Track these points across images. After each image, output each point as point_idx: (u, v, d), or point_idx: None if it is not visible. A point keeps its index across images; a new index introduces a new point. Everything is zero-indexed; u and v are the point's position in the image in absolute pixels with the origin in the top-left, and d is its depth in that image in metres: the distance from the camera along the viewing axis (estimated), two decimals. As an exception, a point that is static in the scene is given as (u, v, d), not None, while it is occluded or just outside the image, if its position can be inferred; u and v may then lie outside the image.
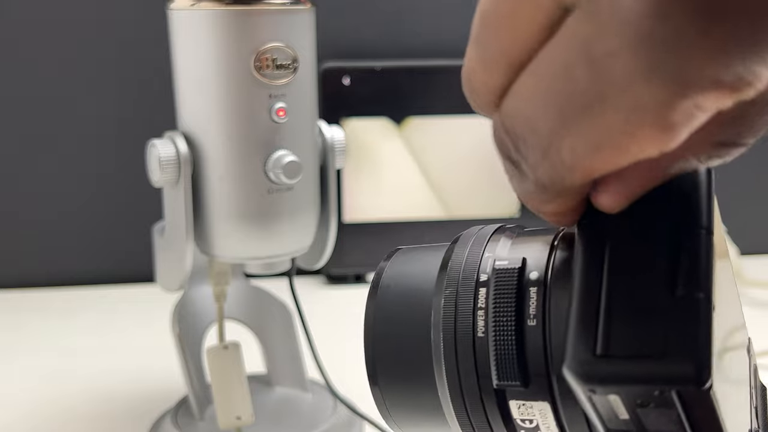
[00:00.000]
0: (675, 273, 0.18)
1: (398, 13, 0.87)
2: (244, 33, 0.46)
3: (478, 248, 0.24)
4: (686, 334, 0.17)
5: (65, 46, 0.82)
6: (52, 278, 0.87)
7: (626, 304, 0.18)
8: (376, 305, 0.26)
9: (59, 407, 0.62)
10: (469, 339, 0.23)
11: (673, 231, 0.19)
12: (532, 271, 0.22)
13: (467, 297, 0.23)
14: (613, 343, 0.18)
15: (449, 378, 0.23)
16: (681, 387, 0.17)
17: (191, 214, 0.49)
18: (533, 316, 0.22)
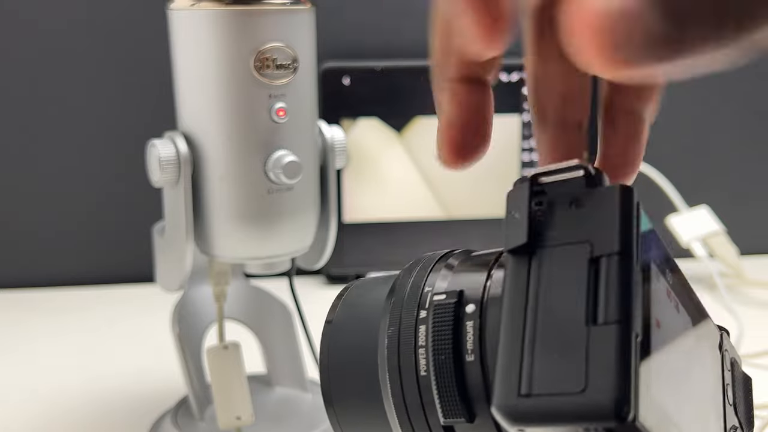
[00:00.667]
0: (595, 304, 0.19)
1: (398, 13, 0.87)
2: (244, 33, 0.46)
3: (420, 280, 0.24)
4: (604, 368, 0.18)
5: (65, 46, 0.82)
6: (52, 278, 0.87)
7: (547, 340, 0.19)
8: (329, 339, 0.26)
9: (59, 407, 0.62)
10: (413, 378, 0.23)
11: (591, 259, 0.19)
12: (469, 303, 0.22)
13: (408, 335, 0.23)
14: (536, 381, 0.18)
15: (399, 415, 0.23)
16: (602, 423, 0.17)
17: (191, 214, 0.49)
18: (471, 351, 0.22)
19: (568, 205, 0.21)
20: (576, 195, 0.21)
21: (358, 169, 0.85)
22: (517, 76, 0.85)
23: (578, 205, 0.20)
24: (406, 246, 0.87)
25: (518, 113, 0.85)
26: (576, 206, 0.20)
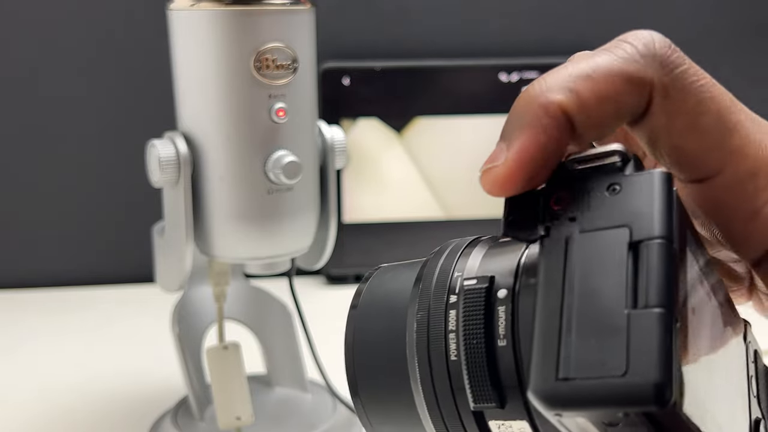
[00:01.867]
0: (634, 288, 0.18)
1: (398, 13, 0.87)
2: (243, 33, 0.46)
3: (449, 266, 0.24)
4: (645, 353, 0.17)
5: (65, 46, 0.82)
6: (52, 278, 0.87)
7: (586, 324, 0.18)
8: (354, 325, 0.26)
9: (59, 407, 0.62)
10: (442, 363, 0.23)
11: (630, 243, 0.19)
12: (500, 289, 0.22)
13: (438, 320, 0.23)
14: (574, 365, 0.18)
15: (427, 400, 0.23)
16: (642, 408, 0.17)
17: (191, 215, 0.49)
18: (503, 336, 0.21)
19: (605, 190, 0.21)
20: (613, 180, 0.21)
21: (358, 169, 0.85)
22: (517, 77, 0.85)
23: (615, 190, 0.20)
24: (406, 246, 0.87)
25: (518, 113, 0.85)
26: (613, 191, 0.20)
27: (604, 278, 0.19)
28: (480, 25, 0.88)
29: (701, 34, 0.91)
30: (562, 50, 0.88)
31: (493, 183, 0.22)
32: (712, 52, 0.92)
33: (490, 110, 0.85)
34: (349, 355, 0.25)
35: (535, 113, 0.22)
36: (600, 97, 0.22)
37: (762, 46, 0.93)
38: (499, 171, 0.22)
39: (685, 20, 0.91)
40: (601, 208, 0.20)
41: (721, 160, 0.23)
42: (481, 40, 0.88)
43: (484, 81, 0.86)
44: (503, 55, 0.88)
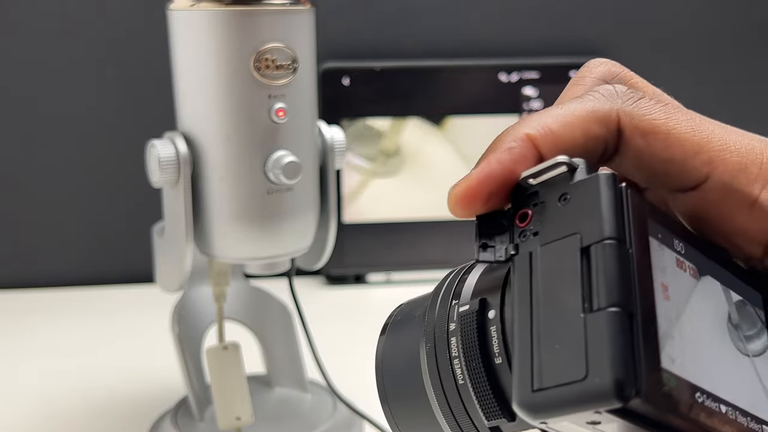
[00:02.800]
0: (589, 292, 0.19)
1: (398, 13, 0.87)
2: (243, 33, 0.46)
3: (448, 295, 0.25)
4: (601, 354, 0.18)
5: (65, 46, 0.82)
6: (51, 278, 0.87)
7: (550, 333, 0.20)
8: (383, 346, 0.28)
9: (59, 407, 0.62)
10: (453, 389, 0.24)
11: (582, 249, 0.20)
12: (491, 310, 0.23)
13: (443, 349, 0.24)
14: (545, 375, 0.19)
15: (448, 422, 0.25)
16: (606, 406, 0.18)
17: (191, 215, 0.49)
18: (498, 354, 0.23)
19: (558, 201, 0.22)
20: (563, 190, 0.22)
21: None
22: (517, 77, 0.85)
23: (566, 200, 0.21)
24: (406, 246, 0.87)
25: (518, 113, 0.85)
26: (564, 201, 0.21)
27: (562, 287, 0.20)
28: (480, 25, 0.88)
29: (701, 34, 0.91)
30: (562, 50, 0.88)
31: (455, 199, 0.24)
32: (712, 52, 0.92)
33: (490, 110, 0.85)
34: (379, 375, 0.27)
35: (503, 141, 0.24)
36: (566, 126, 0.24)
37: (763, 46, 0.92)
38: (461, 186, 0.24)
39: (684, 20, 0.91)
40: (555, 220, 0.21)
41: (708, 163, 0.24)
42: (481, 40, 0.88)
43: (483, 81, 0.86)
44: (503, 55, 0.88)
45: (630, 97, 0.24)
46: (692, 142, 0.24)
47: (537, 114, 0.24)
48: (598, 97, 0.24)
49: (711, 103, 0.92)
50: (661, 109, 0.24)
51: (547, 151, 0.23)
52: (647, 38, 0.90)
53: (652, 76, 0.29)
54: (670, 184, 0.25)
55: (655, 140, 0.24)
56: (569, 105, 0.24)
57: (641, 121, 0.24)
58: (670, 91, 0.28)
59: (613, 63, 0.28)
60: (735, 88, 0.92)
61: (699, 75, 0.91)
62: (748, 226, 0.24)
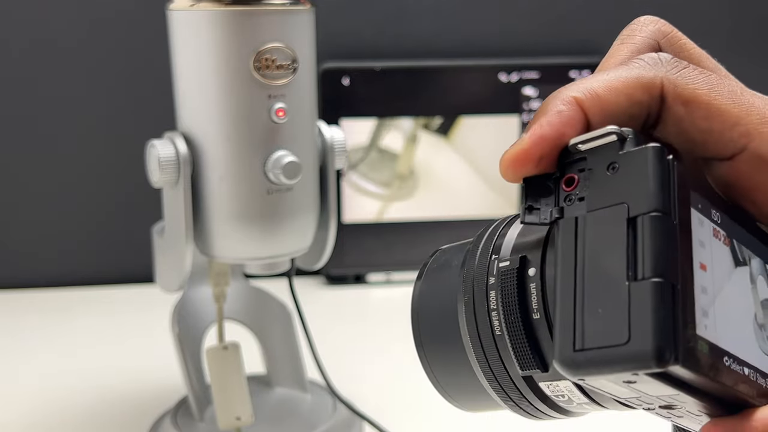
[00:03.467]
0: (634, 261, 0.20)
1: (398, 13, 0.87)
2: (243, 33, 0.46)
3: (488, 249, 0.27)
4: (643, 321, 0.20)
5: (65, 46, 0.82)
6: (52, 278, 0.87)
7: (594, 298, 0.21)
8: (419, 292, 0.29)
9: (59, 407, 0.62)
10: (490, 339, 0.26)
11: (628, 219, 0.21)
12: (530, 267, 0.24)
13: (481, 301, 0.26)
14: (587, 337, 0.21)
15: (483, 370, 0.26)
16: (646, 370, 0.20)
17: (191, 215, 0.49)
18: (536, 310, 0.24)
19: (606, 169, 0.22)
20: (612, 159, 0.22)
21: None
22: (516, 77, 0.85)
23: (614, 169, 0.22)
24: (406, 246, 0.87)
25: (518, 113, 0.85)
26: (612, 170, 0.22)
27: (608, 254, 0.21)
28: (480, 25, 0.88)
29: (701, 34, 0.91)
30: (562, 50, 0.88)
31: (507, 162, 0.24)
32: (713, 51, 0.92)
33: (490, 110, 0.85)
34: (415, 320, 0.29)
35: (552, 104, 0.25)
36: (611, 92, 0.24)
37: (764, 45, 0.93)
38: (514, 149, 0.24)
39: (685, 19, 0.91)
40: (603, 187, 0.22)
41: (745, 136, 0.25)
42: (481, 40, 0.88)
43: (483, 81, 0.86)
44: (503, 55, 0.88)
45: (675, 65, 0.25)
46: (731, 114, 0.25)
47: (584, 78, 0.25)
48: (643, 64, 0.25)
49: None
50: (704, 79, 0.25)
51: (593, 115, 0.24)
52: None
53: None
54: (708, 152, 0.25)
55: (696, 109, 0.25)
56: (615, 71, 0.25)
57: (684, 90, 0.25)
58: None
59: (663, 22, 0.29)
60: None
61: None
62: None
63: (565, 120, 0.24)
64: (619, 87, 0.25)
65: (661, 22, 0.29)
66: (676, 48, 0.28)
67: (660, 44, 0.28)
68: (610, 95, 0.24)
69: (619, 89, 0.25)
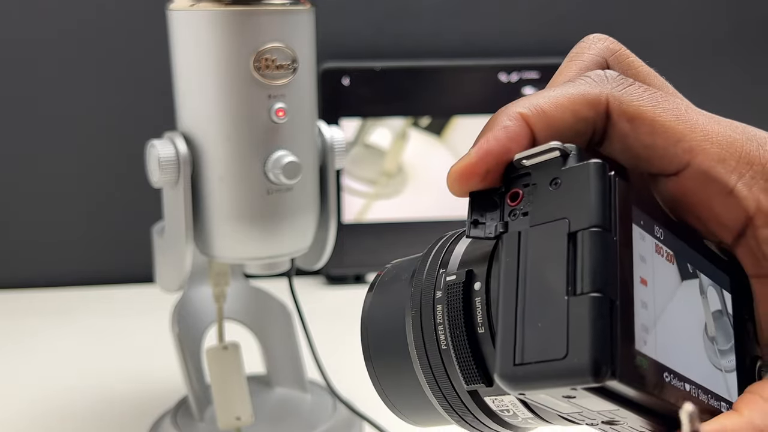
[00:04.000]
0: (573, 276, 0.21)
1: (398, 13, 0.87)
2: (243, 33, 0.46)
3: (435, 263, 0.27)
4: (581, 336, 0.20)
5: (64, 46, 0.82)
6: (52, 278, 0.87)
7: (534, 312, 0.21)
8: (369, 304, 0.29)
9: (59, 407, 0.62)
10: (436, 353, 0.26)
11: (569, 234, 0.21)
12: (476, 282, 0.25)
13: (428, 315, 0.26)
14: (527, 351, 0.21)
15: (430, 384, 0.26)
16: (583, 384, 0.20)
17: (191, 215, 0.49)
18: (481, 324, 0.24)
19: (549, 185, 0.23)
20: (555, 175, 0.23)
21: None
22: (516, 77, 0.85)
23: (557, 184, 0.23)
24: (406, 246, 0.87)
25: (518, 113, 0.85)
26: (555, 185, 0.23)
27: (549, 269, 0.21)
28: (480, 25, 0.88)
29: (701, 34, 0.91)
30: (562, 50, 0.87)
31: (454, 176, 0.25)
32: (712, 52, 0.92)
33: (490, 110, 0.85)
34: (364, 333, 0.29)
35: (499, 120, 0.25)
36: (558, 108, 0.25)
37: (763, 45, 0.93)
38: (461, 163, 0.25)
39: (684, 20, 0.91)
40: (546, 203, 0.23)
41: (688, 152, 0.25)
42: (481, 40, 0.88)
43: (483, 81, 0.86)
44: (503, 55, 0.88)
45: (620, 83, 0.26)
46: (676, 130, 0.25)
47: (532, 95, 0.26)
48: (590, 81, 0.26)
49: (710, 103, 0.93)
50: (649, 96, 0.26)
51: (539, 130, 0.25)
52: (647, 38, 0.90)
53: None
54: (653, 168, 0.26)
55: (641, 126, 0.25)
56: (562, 88, 0.26)
57: (629, 107, 0.25)
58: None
59: (611, 40, 0.29)
60: (735, 87, 0.92)
61: (699, 75, 0.91)
62: (723, 213, 0.25)
63: (512, 135, 0.24)
64: (564, 103, 0.25)
65: (610, 40, 0.29)
66: (624, 66, 0.28)
67: (608, 62, 0.29)
68: (556, 111, 0.25)
69: (564, 105, 0.25)
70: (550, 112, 0.25)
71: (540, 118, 0.25)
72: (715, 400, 0.24)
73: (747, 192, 0.25)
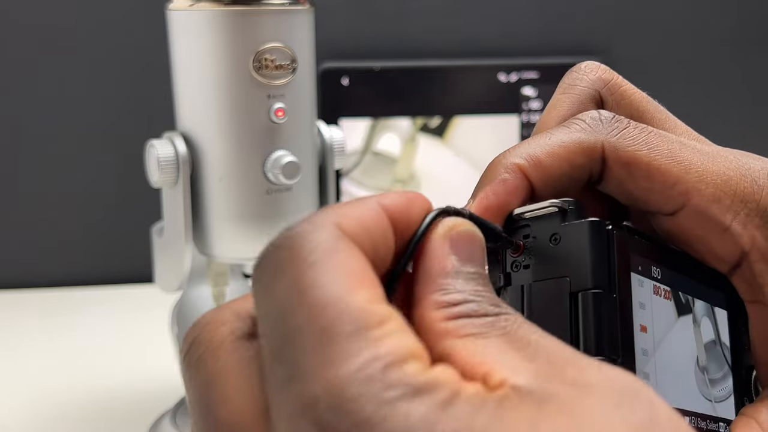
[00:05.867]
0: (577, 336, 0.22)
1: (397, 13, 0.87)
2: (242, 33, 0.46)
3: None
4: None
5: (64, 46, 0.82)
6: (52, 278, 0.87)
7: None
8: None
9: (59, 407, 0.62)
10: None
11: (570, 294, 0.22)
12: None
13: None
14: None
15: None
16: None
17: (190, 215, 0.49)
18: None
19: (549, 240, 0.23)
20: (554, 230, 0.23)
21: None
22: (516, 77, 0.85)
23: (556, 240, 0.23)
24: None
25: (518, 113, 0.85)
26: (554, 241, 0.23)
27: (552, 327, 0.21)
28: (479, 25, 0.88)
29: (701, 34, 0.91)
30: (562, 50, 0.88)
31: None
32: (711, 52, 0.92)
33: (489, 110, 0.85)
34: None
35: (497, 172, 0.26)
36: (553, 158, 0.25)
37: (763, 45, 0.93)
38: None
39: (685, 20, 0.91)
40: (547, 258, 0.23)
41: (684, 193, 0.26)
42: (480, 41, 0.88)
43: (482, 81, 0.86)
44: (502, 55, 0.88)
45: (615, 126, 0.26)
46: (671, 174, 0.26)
47: (526, 142, 0.26)
48: (584, 127, 0.26)
49: (710, 103, 0.93)
50: (644, 139, 0.26)
51: (536, 180, 0.25)
52: (647, 38, 0.90)
53: (652, 76, 0.30)
54: (650, 208, 0.27)
55: (637, 170, 0.26)
56: (557, 134, 0.26)
57: (624, 152, 0.26)
58: (668, 92, 0.28)
59: (604, 69, 0.29)
60: (734, 87, 0.92)
61: (699, 75, 0.91)
62: (719, 249, 0.26)
63: (510, 189, 0.25)
64: (560, 153, 0.25)
65: (602, 68, 0.29)
66: (617, 96, 0.29)
67: (601, 93, 0.29)
68: (552, 161, 0.25)
69: (560, 155, 0.25)
70: (546, 162, 0.25)
71: (536, 169, 0.25)
72: (713, 422, 0.25)
73: (742, 229, 0.26)
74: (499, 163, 0.26)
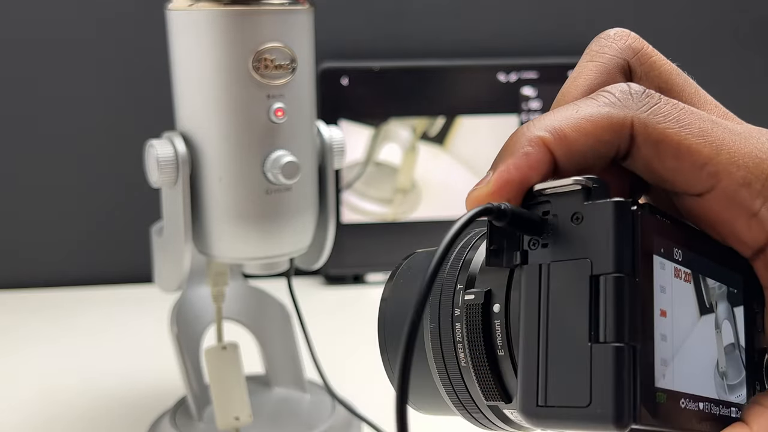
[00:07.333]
0: (596, 322, 0.21)
1: (397, 13, 0.87)
2: (242, 33, 0.46)
3: (452, 277, 0.27)
4: (604, 386, 0.21)
5: (64, 46, 0.82)
6: (52, 278, 0.87)
7: (558, 354, 0.22)
8: (388, 296, 0.29)
9: (59, 407, 0.62)
10: (456, 368, 0.26)
11: (591, 276, 0.21)
12: (495, 303, 0.25)
13: (447, 332, 0.26)
14: (550, 394, 0.22)
15: (450, 397, 0.27)
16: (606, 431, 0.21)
17: (189, 215, 0.49)
18: (501, 347, 0.24)
19: (570, 219, 0.22)
20: (576, 209, 0.22)
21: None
22: (515, 77, 0.85)
23: (578, 219, 0.22)
24: (405, 246, 0.87)
25: (518, 113, 0.85)
26: (576, 220, 0.22)
27: (571, 311, 0.22)
28: (479, 25, 0.88)
29: (701, 34, 0.91)
30: (561, 50, 0.88)
31: (473, 204, 0.24)
32: (712, 52, 0.92)
33: (489, 110, 0.85)
34: (381, 326, 0.29)
35: (519, 144, 0.24)
36: (580, 133, 0.24)
37: (763, 45, 0.93)
38: (481, 190, 0.24)
39: (685, 20, 0.91)
40: (567, 238, 0.22)
41: (714, 175, 0.24)
42: (480, 40, 0.88)
43: (482, 81, 0.86)
44: (502, 55, 0.88)
45: (645, 102, 0.25)
46: (701, 154, 0.24)
47: (550, 114, 0.25)
48: (614, 101, 0.25)
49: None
50: (675, 115, 0.25)
51: (560, 156, 0.24)
52: (646, 38, 0.90)
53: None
54: (676, 188, 0.25)
55: (666, 149, 0.24)
56: (584, 108, 0.25)
57: (654, 130, 0.24)
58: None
59: (634, 37, 0.28)
60: (734, 88, 0.92)
61: (699, 75, 0.91)
62: (744, 233, 0.25)
63: (532, 163, 0.24)
64: (587, 128, 0.24)
65: (632, 36, 0.28)
66: (647, 67, 0.28)
67: (630, 63, 0.27)
68: (578, 136, 0.24)
69: (587, 130, 0.24)
70: (572, 137, 0.24)
71: (561, 144, 0.24)
72: (725, 407, 0.25)
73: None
74: (522, 135, 0.24)
